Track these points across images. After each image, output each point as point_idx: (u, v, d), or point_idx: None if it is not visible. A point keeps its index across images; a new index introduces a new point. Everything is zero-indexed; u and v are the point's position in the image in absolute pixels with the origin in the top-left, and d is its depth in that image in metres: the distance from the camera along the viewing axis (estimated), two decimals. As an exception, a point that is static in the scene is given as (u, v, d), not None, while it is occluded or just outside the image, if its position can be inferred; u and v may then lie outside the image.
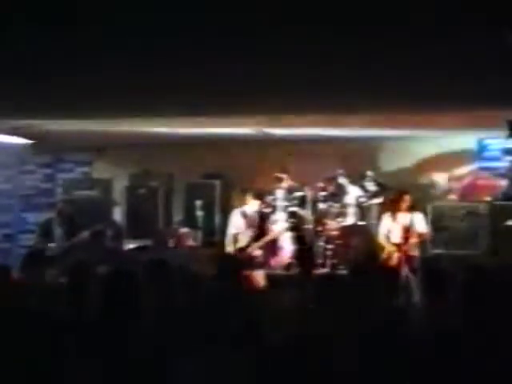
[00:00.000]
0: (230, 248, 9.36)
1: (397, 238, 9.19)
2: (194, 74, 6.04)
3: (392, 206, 9.36)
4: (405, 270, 8.73)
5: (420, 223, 9.23)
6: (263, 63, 5.61)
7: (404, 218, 9.20)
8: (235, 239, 9.41)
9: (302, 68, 5.83)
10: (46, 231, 10.33)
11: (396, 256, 9.11)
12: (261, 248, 9.52)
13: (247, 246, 9.47)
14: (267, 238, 9.67)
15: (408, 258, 9.05)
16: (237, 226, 9.47)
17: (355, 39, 4.80)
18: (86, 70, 5.90)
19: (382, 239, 9.33)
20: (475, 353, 3.57)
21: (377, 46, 5.03)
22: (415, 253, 9.14)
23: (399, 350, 3.67)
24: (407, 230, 9.17)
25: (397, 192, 9.51)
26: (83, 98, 7.35)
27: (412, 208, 9.27)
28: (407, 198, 9.27)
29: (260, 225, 9.64)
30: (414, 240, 9.08)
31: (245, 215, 9.55)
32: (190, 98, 7.42)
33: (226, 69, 5.81)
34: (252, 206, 9.56)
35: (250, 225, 9.50)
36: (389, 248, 9.20)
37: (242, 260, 8.56)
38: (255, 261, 9.22)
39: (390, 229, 9.26)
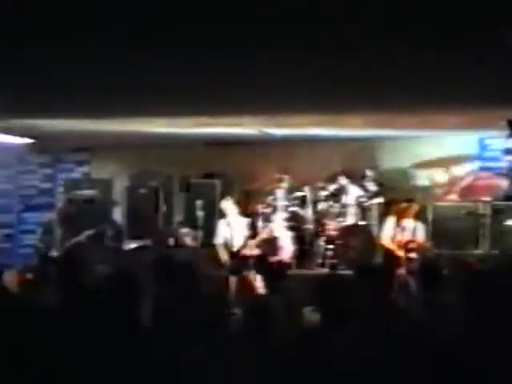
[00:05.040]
0: (222, 255, 9.45)
1: (400, 240, 9.35)
2: (194, 73, 6.04)
3: (400, 212, 9.51)
4: (405, 270, 8.75)
5: (420, 232, 9.43)
6: (263, 63, 5.61)
7: (408, 223, 9.40)
8: (225, 247, 9.56)
9: (303, 68, 5.83)
10: (47, 231, 10.34)
11: (397, 256, 9.17)
12: (258, 246, 9.57)
13: (243, 247, 9.51)
14: (262, 236, 9.74)
15: (409, 258, 9.13)
16: (223, 235, 9.61)
17: (355, 39, 4.80)
18: (86, 70, 5.90)
19: (384, 240, 9.46)
20: (475, 353, 3.57)
21: (377, 46, 5.03)
22: (416, 254, 9.25)
23: (399, 350, 3.67)
24: (410, 234, 9.36)
25: (407, 200, 9.69)
26: (83, 97, 7.35)
27: (416, 216, 9.48)
28: (416, 207, 9.55)
29: (251, 228, 9.74)
30: (414, 245, 9.28)
31: (229, 224, 9.66)
32: (189, 98, 7.42)
33: (226, 69, 5.81)
34: (233, 212, 9.69)
35: (237, 231, 9.60)
36: (391, 248, 9.32)
37: None
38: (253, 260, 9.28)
39: (394, 231, 9.42)
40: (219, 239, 9.66)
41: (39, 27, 4.44)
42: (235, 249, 9.57)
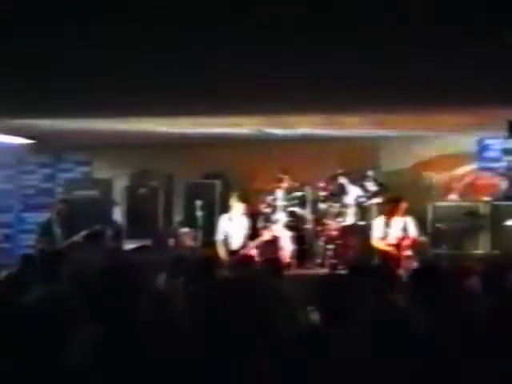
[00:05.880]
0: (221, 252, 9.43)
1: (393, 239, 9.37)
2: (194, 73, 6.05)
3: (389, 210, 9.54)
4: (403, 269, 8.75)
5: (411, 227, 9.45)
6: (263, 63, 5.61)
7: (398, 221, 9.44)
8: (225, 244, 9.53)
9: (302, 68, 5.84)
10: (46, 231, 10.33)
11: (394, 256, 9.18)
12: (257, 248, 9.56)
13: (243, 247, 9.51)
14: (261, 239, 9.72)
15: (406, 258, 9.15)
16: (224, 231, 9.59)
17: (355, 39, 4.80)
18: (86, 70, 5.90)
19: (375, 240, 9.49)
20: (474, 353, 3.57)
21: (377, 46, 5.03)
22: (412, 253, 9.28)
23: (398, 350, 3.67)
24: (402, 232, 9.39)
25: (394, 197, 9.71)
26: (83, 97, 7.35)
27: (405, 213, 9.52)
28: (404, 204, 9.54)
29: (252, 227, 9.72)
30: (407, 242, 9.30)
31: (231, 220, 9.65)
32: (189, 98, 7.43)
33: (226, 69, 5.82)
34: (239, 209, 9.66)
35: (237, 229, 9.59)
36: (383, 249, 9.35)
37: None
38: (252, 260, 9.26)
39: (386, 231, 9.45)
40: (220, 235, 9.64)
41: (39, 27, 4.45)
42: (234, 247, 9.56)
